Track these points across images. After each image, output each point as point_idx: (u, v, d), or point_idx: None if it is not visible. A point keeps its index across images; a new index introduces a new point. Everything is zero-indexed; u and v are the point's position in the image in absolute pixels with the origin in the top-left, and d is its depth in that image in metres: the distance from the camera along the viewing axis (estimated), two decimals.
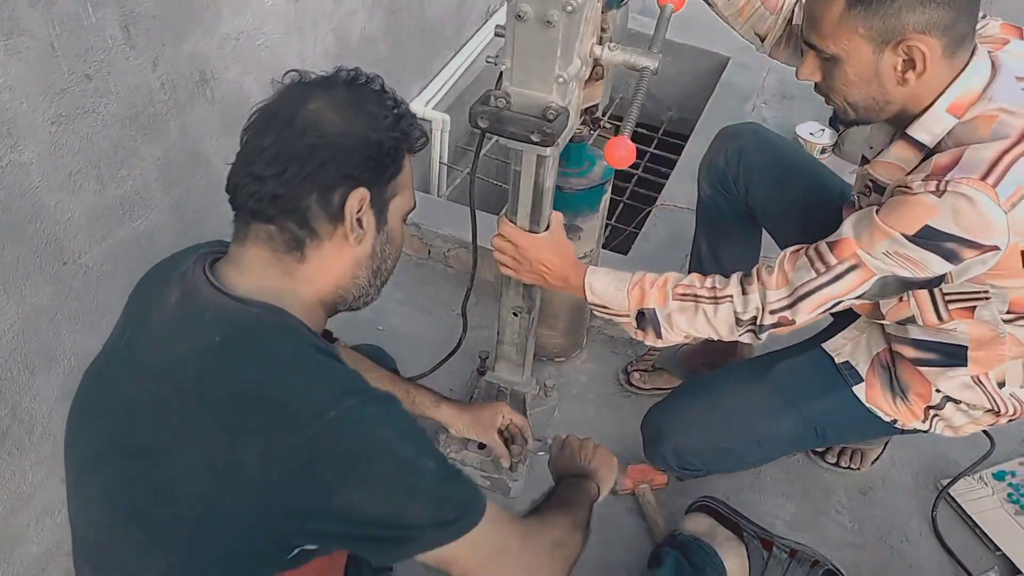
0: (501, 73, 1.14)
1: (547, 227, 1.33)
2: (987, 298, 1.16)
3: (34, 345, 1.32)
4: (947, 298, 1.19)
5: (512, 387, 1.66)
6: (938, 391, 1.30)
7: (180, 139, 1.50)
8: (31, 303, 1.28)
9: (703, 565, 1.36)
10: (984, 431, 1.72)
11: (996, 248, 1.02)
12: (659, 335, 1.25)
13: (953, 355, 1.25)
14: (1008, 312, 1.17)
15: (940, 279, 1.11)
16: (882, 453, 1.70)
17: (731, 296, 1.20)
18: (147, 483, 0.81)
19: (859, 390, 1.34)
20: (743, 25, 1.38)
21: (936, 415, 1.33)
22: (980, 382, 1.27)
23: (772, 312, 1.17)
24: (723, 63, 2.88)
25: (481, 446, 1.62)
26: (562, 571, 0.97)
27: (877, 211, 1.07)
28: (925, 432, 1.38)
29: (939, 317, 1.22)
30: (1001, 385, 1.27)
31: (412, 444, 0.82)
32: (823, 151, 2.43)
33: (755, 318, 1.19)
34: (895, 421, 1.35)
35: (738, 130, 1.55)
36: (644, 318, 1.24)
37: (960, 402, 1.30)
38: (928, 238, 1.03)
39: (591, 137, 1.47)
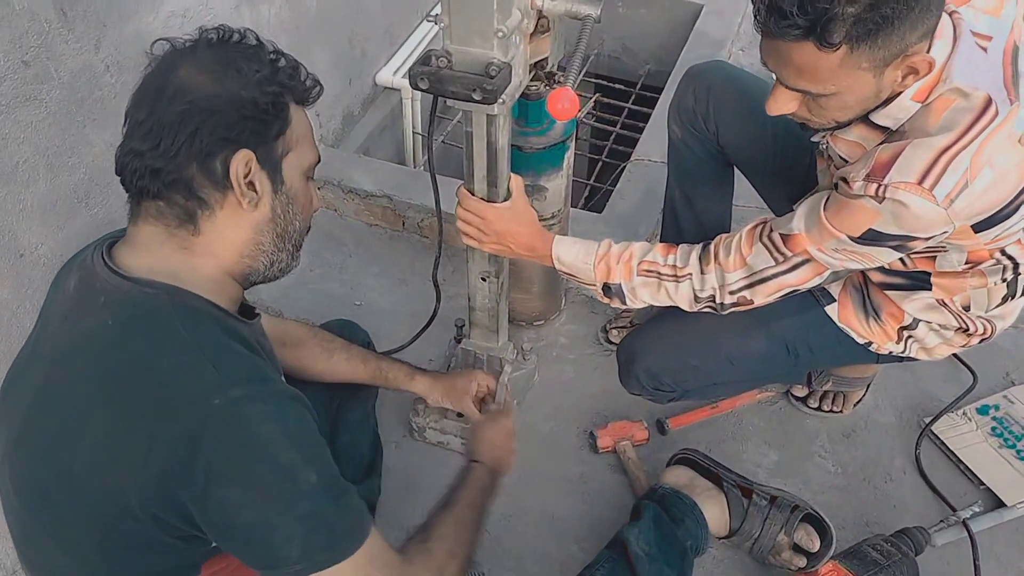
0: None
1: (507, 191, 1.32)
2: (945, 251, 1.18)
3: None
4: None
5: (488, 353, 1.65)
6: (907, 312, 1.31)
7: None
8: None
9: (682, 516, 1.36)
10: (966, 365, 1.73)
11: (943, 232, 1.05)
12: (624, 302, 1.31)
13: (918, 279, 1.25)
14: (967, 263, 1.18)
15: None
16: (864, 395, 1.70)
17: (690, 274, 1.24)
18: (51, 470, 0.80)
19: (831, 310, 1.35)
20: None
21: (910, 336, 1.33)
22: (944, 304, 1.27)
23: (731, 292, 1.22)
24: (696, 12, 2.82)
25: (460, 414, 1.62)
26: None
27: (824, 207, 1.10)
28: (900, 357, 1.38)
29: (903, 263, 1.24)
30: (966, 309, 1.27)
31: (298, 451, 0.79)
32: None
33: (713, 296, 1.24)
34: (869, 344, 1.36)
35: (704, 68, 1.53)
36: (610, 289, 1.30)
37: (931, 322, 1.31)
38: (873, 239, 1.07)
39: (548, 93, 1.44)
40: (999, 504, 1.52)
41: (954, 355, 1.76)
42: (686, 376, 1.44)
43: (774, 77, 1.08)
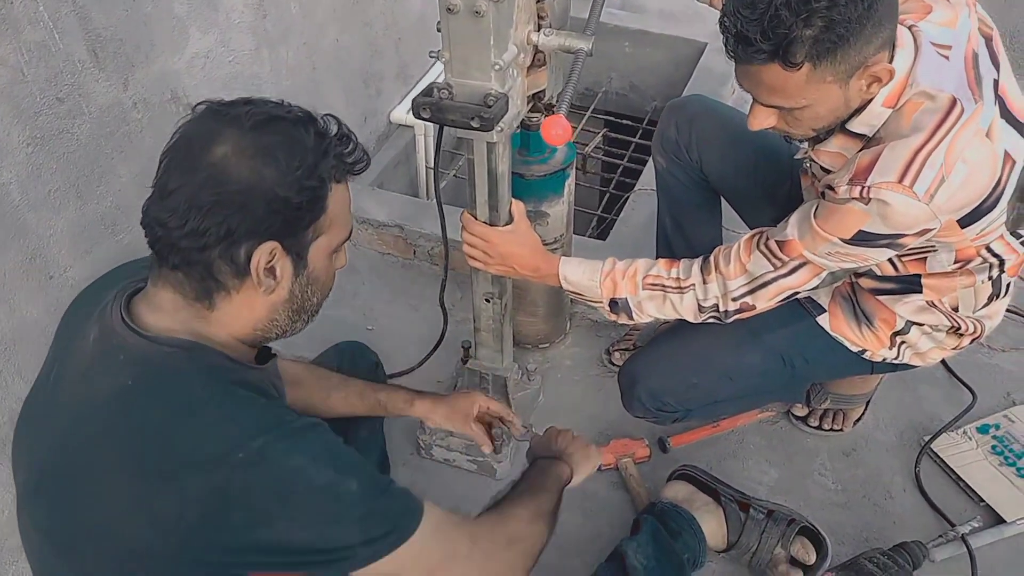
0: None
1: (509, 215, 1.39)
2: (935, 250, 1.22)
3: (27, 356, 1.39)
4: (899, 254, 1.24)
5: (494, 373, 1.70)
6: (900, 316, 1.35)
7: (156, 155, 1.56)
8: (20, 316, 1.36)
9: (680, 529, 1.39)
10: (966, 384, 1.76)
11: (930, 229, 1.10)
12: (631, 318, 1.35)
13: (909, 282, 1.30)
14: (956, 261, 1.22)
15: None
16: (864, 414, 1.72)
17: (693, 285, 1.29)
18: (78, 524, 0.82)
19: (823, 320, 1.40)
20: None
21: (903, 341, 1.37)
22: (934, 305, 1.31)
23: (734, 299, 1.27)
24: (700, 49, 2.91)
25: None
26: (522, 566, 0.97)
27: (815, 213, 1.15)
28: (895, 366, 1.41)
29: (895, 268, 1.29)
30: (955, 310, 1.31)
31: (330, 468, 0.81)
32: None
33: (716, 305, 1.29)
34: (863, 352, 1.39)
35: (685, 101, 1.61)
36: (617, 304, 1.35)
37: (923, 324, 1.34)
38: (864, 240, 1.12)
39: None
40: (999, 520, 1.53)
41: (953, 374, 1.79)
42: (688, 395, 1.48)
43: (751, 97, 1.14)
